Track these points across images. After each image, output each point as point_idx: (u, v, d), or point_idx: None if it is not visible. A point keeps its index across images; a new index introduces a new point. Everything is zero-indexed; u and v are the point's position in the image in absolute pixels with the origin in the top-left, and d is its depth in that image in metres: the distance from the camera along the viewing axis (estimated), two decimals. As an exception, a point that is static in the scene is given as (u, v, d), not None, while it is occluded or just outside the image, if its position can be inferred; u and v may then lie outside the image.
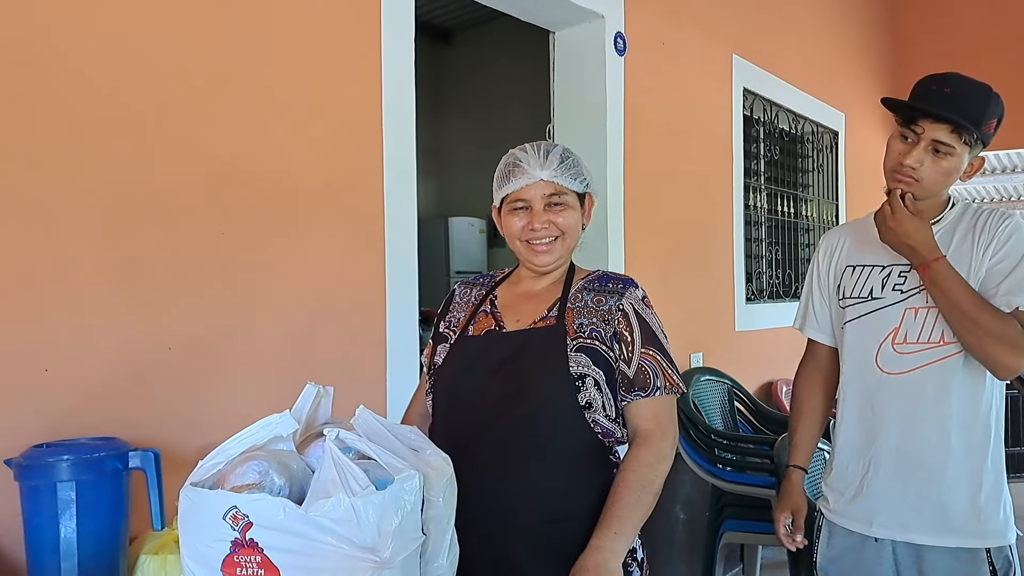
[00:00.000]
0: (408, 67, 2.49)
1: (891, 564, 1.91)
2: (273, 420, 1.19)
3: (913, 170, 1.79)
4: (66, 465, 1.49)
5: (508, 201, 1.71)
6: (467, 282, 1.87)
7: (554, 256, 1.69)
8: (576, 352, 1.61)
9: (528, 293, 1.74)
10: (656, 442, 1.59)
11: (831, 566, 2.01)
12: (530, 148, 1.69)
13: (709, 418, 3.69)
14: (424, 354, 1.82)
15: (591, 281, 1.72)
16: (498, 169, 1.73)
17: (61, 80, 1.73)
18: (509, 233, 1.72)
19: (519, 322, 1.69)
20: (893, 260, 1.90)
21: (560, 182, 1.67)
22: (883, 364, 1.89)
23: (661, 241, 3.78)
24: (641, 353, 1.63)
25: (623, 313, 1.65)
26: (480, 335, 1.70)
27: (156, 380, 1.86)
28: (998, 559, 1.83)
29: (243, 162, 2.05)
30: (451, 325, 1.77)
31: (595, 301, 1.68)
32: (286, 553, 1.06)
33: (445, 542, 1.28)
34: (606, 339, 1.62)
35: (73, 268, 1.74)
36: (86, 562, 1.49)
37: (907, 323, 1.87)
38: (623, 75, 3.46)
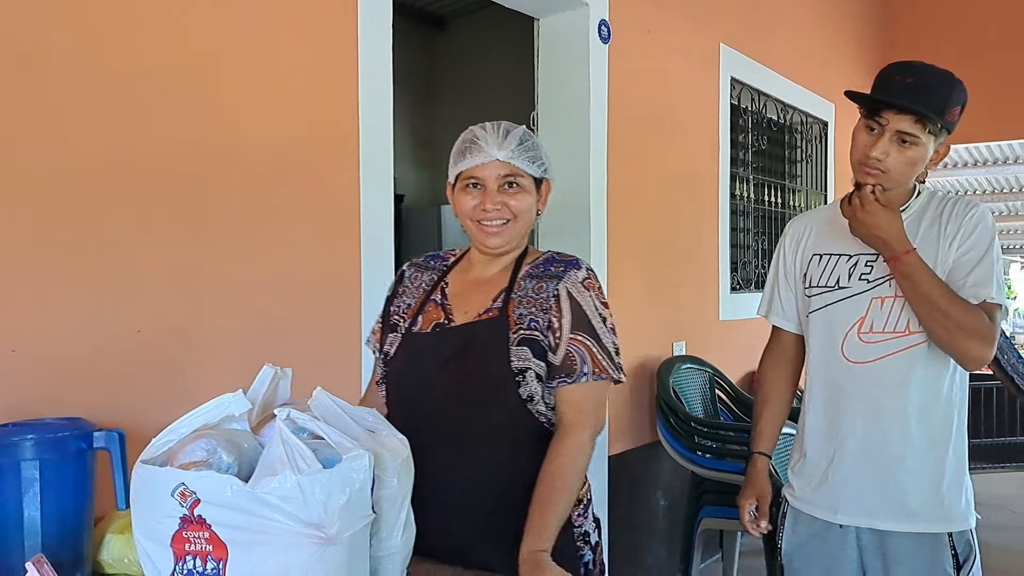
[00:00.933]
0: (386, 48, 2.49)
1: (855, 550, 1.94)
2: (226, 399, 1.21)
3: (879, 161, 1.80)
4: (30, 444, 1.50)
5: (462, 178, 1.68)
6: (418, 264, 1.84)
7: (504, 239, 1.67)
8: (518, 345, 1.60)
9: (479, 280, 1.72)
10: (577, 432, 1.58)
11: (795, 552, 2.04)
12: (490, 127, 1.67)
13: (690, 406, 3.71)
14: (373, 336, 1.82)
15: (536, 266, 1.71)
16: (455, 145, 1.71)
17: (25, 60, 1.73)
18: (460, 211, 1.69)
19: (467, 314, 1.68)
20: (860, 249, 1.91)
21: (517, 164, 1.65)
22: (849, 354, 1.91)
23: (645, 230, 3.79)
24: (569, 339, 1.61)
25: (556, 298, 1.63)
26: (428, 330, 1.68)
27: (124, 362, 1.87)
28: (959, 543, 1.86)
29: (213, 144, 2.05)
30: (400, 311, 1.76)
31: (536, 289, 1.66)
32: (233, 529, 1.08)
33: (399, 521, 1.30)
34: (543, 328, 1.62)
35: (42, 249, 1.75)
36: (50, 540, 1.50)
37: (873, 312, 1.88)
38: (607, 63, 3.46)
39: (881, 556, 1.91)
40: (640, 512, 3.78)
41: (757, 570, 3.79)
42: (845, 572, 1.95)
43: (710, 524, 3.57)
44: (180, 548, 1.10)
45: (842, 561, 1.96)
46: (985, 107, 5.93)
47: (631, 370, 3.70)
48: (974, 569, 1.88)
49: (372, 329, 1.83)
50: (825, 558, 1.98)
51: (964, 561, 1.86)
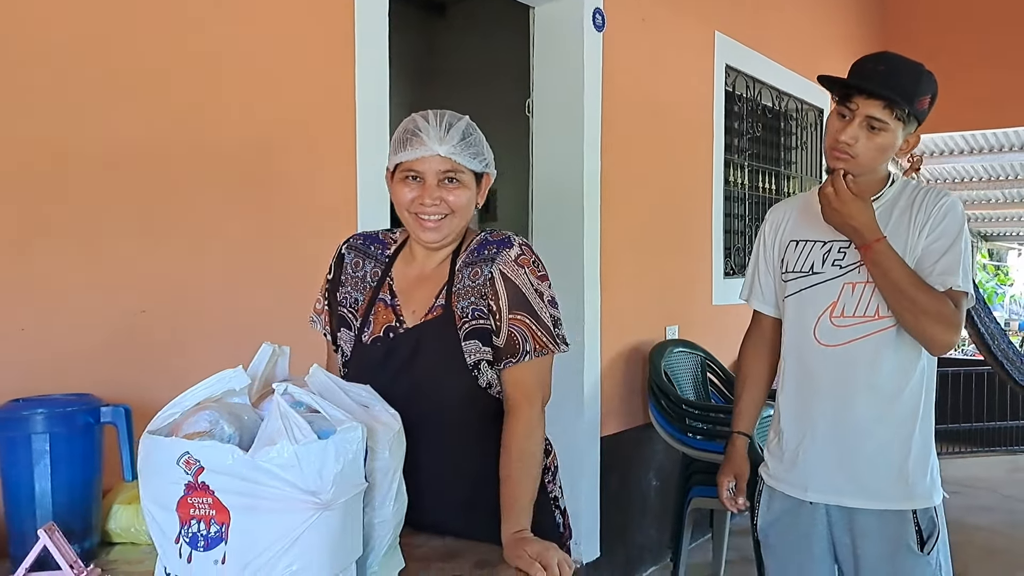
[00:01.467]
0: (382, 30, 2.55)
1: (825, 525, 2.02)
2: (227, 375, 1.28)
3: (848, 146, 1.86)
4: (40, 418, 1.57)
5: (401, 169, 1.65)
6: (356, 247, 1.80)
7: (442, 234, 1.66)
8: (467, 340, 1.64)
9: (421, 275, 1.72)
10: (524, 411, 1.63)
11: (770, 528, 2.12)
12: (432, 117, 1.63)
13: (681, 389, 3.78)
14: (319, 316, 1.81)
15: (471, 252, 1.70)
16: (396, 132, 1.68)
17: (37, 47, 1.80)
18: (398, 203, 1.68)
19: (415, 314, 1.69)
20: (834, 236, 1.97)
21: (458, 160, 1.62)
22: (821, 336, 1.97)
23: (638, 216, 3.85)
24: (509, 320, 1.64)
25: (491, 280, 1.65)
26: (380, 334, 1.69)
27: (129, 341, 1.95)
28: (923, 520, 1.93)
29: (212, 126, 2.12)
30: (348, 304, 1.75)
31: (471, 276, 1.67)
32: (235, 495, 1.15)
33: (391, 491, 1.37)
34: (486, 315, 1.65)
35: (50, 231, 1.82)
36: (61, 510, 1.57)
37: (845, 297, 1.94)
38: (601, 51, 3.52)
39: (849, 531, 1.99)
40: (632, 492, 3.86)
41: (746, 548, 3.87)
42: (816, 546, 2.03)
43: (700, 504, 3.65)
44: (185, 513, 1.18)
45: (813, 536, 2.03)
46: (983, 94, 6.02)
47: (624, 353, 3.77)
48: (938, 544, 1.95)
49: (315, 308, 1.84)
50: (797, 533, 2.05)
51: (928, 537, 1.93)
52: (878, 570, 1.95)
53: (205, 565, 1.17)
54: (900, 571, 1.94)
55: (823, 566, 2.04)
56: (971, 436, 6.74)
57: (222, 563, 1.16)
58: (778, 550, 2.11)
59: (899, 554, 1.93)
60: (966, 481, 5.60)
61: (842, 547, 2.00)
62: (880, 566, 1.95)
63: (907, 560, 1.93)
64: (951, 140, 7.77)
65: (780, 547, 2.10)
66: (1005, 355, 5.53)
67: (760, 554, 3.15)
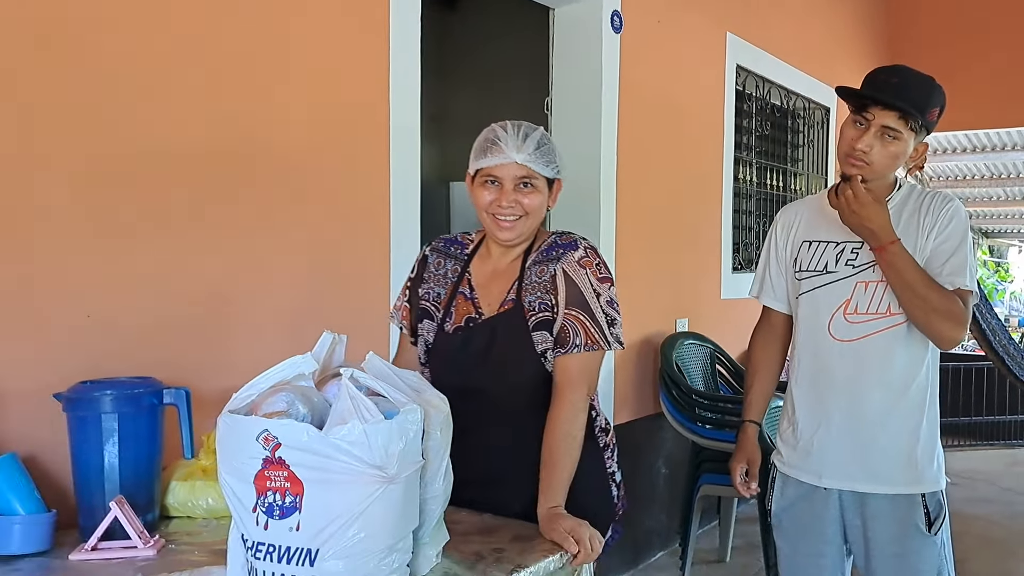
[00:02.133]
0: (415, 36, 2.66)
1: (837, 509, 2.13)
2: (297, 360, 1.39)
3: (864, 154, 1.96)
4: (110, 399, 1.68)
5: (481, 174, 1.83)
6: (438, 249, 1.99)
7: (516, 233, 1.83)
8: (535, 330, 1.81)
9: (497, 271, 1.90)
10: (568, 397, 1.78)
11: (783, 513, 2.22)
12: (510, 128, 1.80)
13: (691, 379, 3.90)
14: (398, 313, 1.99)
15: (541, 252, 1.87)
16: (477, 141, 1.84)
17: (102, 69, 1.91)
18: (478, 204, 1.85)
19: (490, 306, 1.86)
20: (846, 237, 2.08)
21: (533, 167, 1.79)
22: (835, 332, 2.08)
23: (652, 212, 3.97)
24: (564, 314, 1.80)
25: (553, 278, 1.82)
26: (461, 324, 1.87)
27: (184, 328, 2.07)
28: (931, 503, 2.06)
29: (258, 130, 2.24)
30: (431, 299, 1.93)
31: (539, 273, 1.84)
32: (309, 469, 1.27)
33: (441, 469, 1.49)
34: (550, 308, 1.81)
35: (111, 225, 1.94)
36: (127, 484, 1.69)
37: (858, 295, 2.05)
38: (619, 52, 3.63)
39: (860, 514, 2.10)
40: (642, 480, 3.98)
41: (751, 535, 4.00)
42: (829, 529, 2.14)
43: (709, 491, 3.78)
44: (262, 485, 1.29)
45: (826, 519, 2.14)
46: (986, 94, 6.12)
47: (636, 345, 3.89)
48: (944, 524, 2.08)
49: (395, 306, 2.02)
50: (810, 517, 2.16)
51: (935, 518, 2.06)
52: (888, 550, 2.07)
53: (280, 532, 1.28)
54: (909, 551, 2.06)
55: (834, 547, 2.15)
56: (971, 430, 6.87)
57: (296, 530, 1.28)
58: (790, 533, 2.22)
59: (908, 535, 2.05)
60: (966, 473, 5.73)
61: (853, 529, 2.12)
62: (890, 546, 2.07)
63: (915, 540, 2.05)
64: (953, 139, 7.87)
65: (792, 530, 2.21)
66: (1006, 351, 5.65)
67: (766, 539, 3.30)
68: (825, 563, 2.17)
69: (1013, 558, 4.27)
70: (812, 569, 2.19)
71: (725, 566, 4.05)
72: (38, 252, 1.82)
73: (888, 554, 2.07)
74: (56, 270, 1.85)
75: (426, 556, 1.47)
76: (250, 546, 1.31)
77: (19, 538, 1.58)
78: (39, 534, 1.60)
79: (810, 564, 2.19)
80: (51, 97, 1.84)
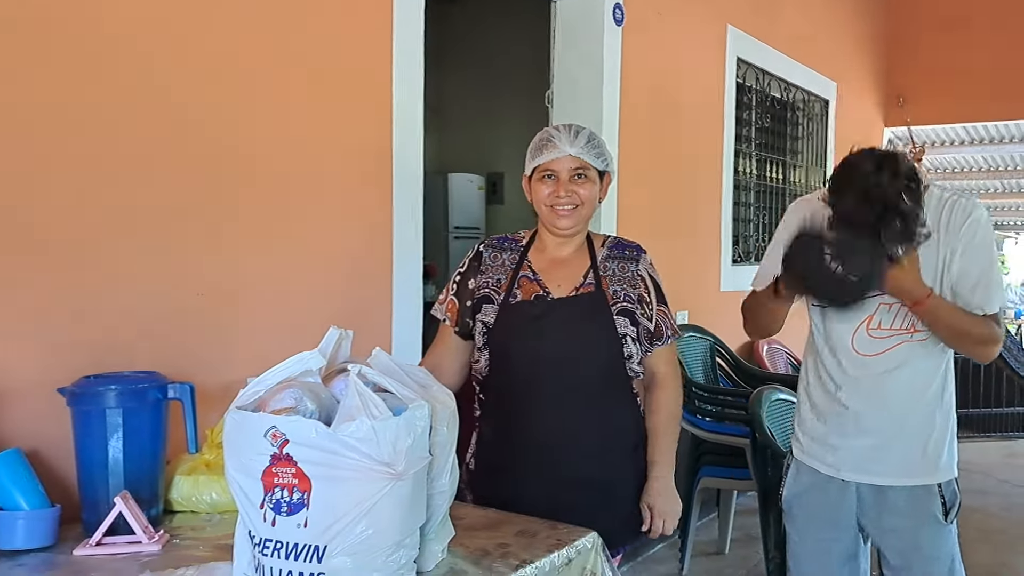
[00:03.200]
0: (418, 30, 2.65)
1: (854, 500, 2.13)
2: (305, 356, 1.39)
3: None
4: (114, 394, 1.68)
5: (539, 170, 1.99)
6: (492, 245, 2.11)
7: (573, 221, 1.99)
8: (618, 315, 1.97)
9: (558, 259, 2.04)
10: (672, 382, 2.07)
11: (795, 500, 2.22)
12: (562, 127, 1.98)
13: (691, 372, 3.91)
14: (446, 307, 2.06)
15: (611, 248, 2.06)
16: (532, 143, 2.01)
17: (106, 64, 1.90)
18: (537, 199, 2.01)
19: (560, 287, 2.00)
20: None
21: (585, 158, 1.96)
22: (858, 347, 2.07)
23: (652, 205, 3.97)
24: (657, 311, 2.03)
25: (642, 278, 2.03)
26: (532, 299, 1.99)
27: (188, 323, 2.06)
28: (947, 491, 2.08)
29: (265, 128, 2.23)
30: (491, 285, 2.03)
31: (620, 268, 2.03)
32: (317, 465, 1.27)
33: (447, 465, 1.49)
34: (635, 301, 2.00)
35: (116, 221, 1.93)
36: (130, 478, 1.68)
37: (880, 313, 2.04)
38: (620, 44, 3.62)
39: (876, 505, 2.11)
40: (642, 472, 3.97)
41: (750, 527, 4.02)
42: (843, 518, 2.14)
43: (708, 483, 3.79)
44: (270, 481, 1.29)
45: (841, 508, 2.14)
46: (984, 87, 6.12)
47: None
48: (958, 511, 2.10)
49: (440, 299, 2.09)
50: (823, 504, 2.16)
51: (951, 507, 2.08)
52: (905, 539, 2.09)
53: (288, 528, 1.28)
54: (925, 539, 2.08)
55: (847, 536, 2.16)
56: (968, 422, 6.88)
57: (304, 527, 1.28)
58: (800, 521, 2.22)
59: (926, 524, 2.07)
60: (962, 465, 5.62)
61: (868, 519, 2.13)
62: (907, 536, 2.09)
63: (932, 529, 2.07)
64: (952, 131, 7.86)
65: (802, 517, 2.21)
66: (1004, 344, 5.65)
67: (765, 531, 3.31)
68: (835, 550, 2.17)
69: (1011, 550, 4.29)
70: (822, 556, 2.19)
71: (724, 558, 4.06)
72: (41, 247, 1.81)
73: (906, 543, 2.10)
74: (60, 265, 1.84)
75: (431, 551, 1.48)
76: (257, 542, 1.31)
77: (23, 533, 1.57)
78: (43, 529, 1.60)
79: (820, 551, 2.19)
80: (51, 95, 1.82)
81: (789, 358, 4.96)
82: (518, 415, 1.97)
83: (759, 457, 3.35)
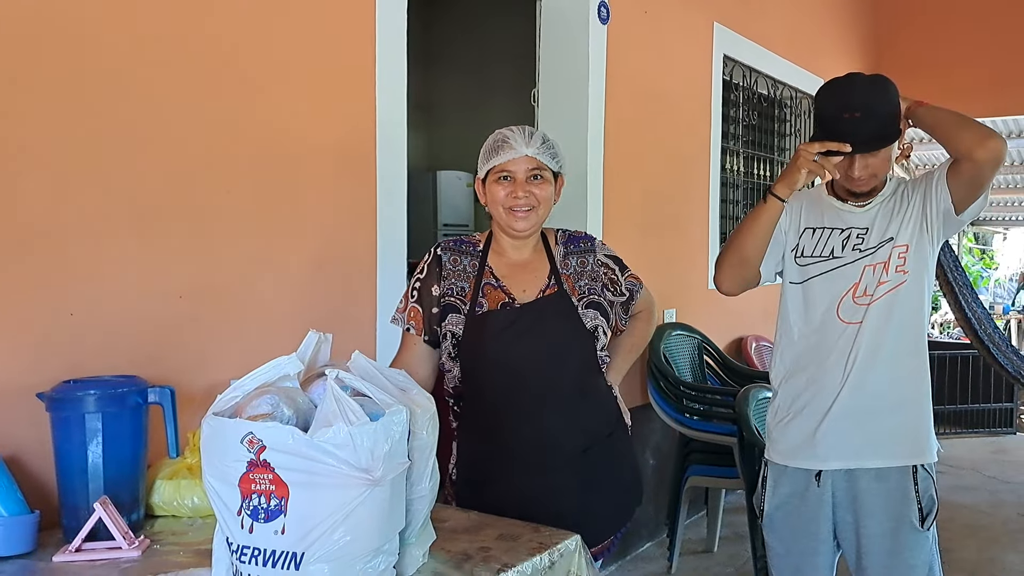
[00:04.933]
0: (400, 26, 2.64)
1: (829, 506, 2.14)
2: (282, 361, 1.38)
3: (864, 174, 2.04)
4: (93, 399, 1.66)
5: (494, 172, 1.97)
6: (449, 247, 2.06)
7: (530, 223, 1.97)
8: (585, 309, 1.99)
9: (519, 263, 2.04)
10: (648, 314, 2.22)
11: (775, 512, 2.22)
12: (516, 129, 1.97)
13: (679, 371, 3.91)
14: (406, 315, 2.01)
15: (565, 244, 2.08)
16: (486, 145, 1.99)
17: (86, 63, 1.89)
18: (492, 200, 1.99)
19: (526, 292, 2.00)
20: (851, 224, 2.12)
21: (541, 159, 1.95)
22: (843, 315, 2.10)
23: (639, 202, 3.96)
24: (625, 279, 2.12)
25: (604, 265, 2.08)
26: (499, 308, 1.97)
27: (169, 325, 2.05)
28: (924, 496, 2.09)
29: (247, 126, 2.21)
30: (455, 293, 1.99)
31: (579, 263, 2.05)
32: (294, 472, 1.26)
33: (428, 469, 1.48)
34: (600, 291, 2.04)
35: (95, 222, 1.91)
36: (111, 484, 1.67)
37: (866, 278, 2.09)
38: (606, 42, 3.61)
39: (853, 510, 2.11)
40: (630, 470, 3.98)
41: (739, 525, 4.03)
42: (822, 528, 2.15)
43: (696, 482, 3.79)
44: (247, 488, 1.28)
45: (819, 518, 2.15)
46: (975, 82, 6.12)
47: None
48: (935, 519, 2.09)
49: (399, 308, 2.04)
50: (803, 517, 2.17)
51: (928, 513, 2.07)
52: (881, 545, 2.09)
53: (266, 535, 1.28)
54: (902, 546, 2.08)
55: (827, 546, 2.17)
56: (956, 418, 6.92)
57: (281, 533, 1.27)
58: (783, 532, 2.22)
59: (901, 530, 2.07)
60: (950, 461, 5.77)
61: (844, 526, 2.13)
62: (883, 542, 2.09)
63: (909, 536, 2.07)
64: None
65: (784, 530, 2.21)
66: (991, 339, 5.68)
67: (753, 529, 3.32)
68: (820, 561, 2.18)
69: (997, 545, 4.31)
70: (808, 569, 2.19)
71: (712, 556, 4.06)
72: (20, 250, 1.80)
73: (881, 550, 2.09)
74: (38, 268, 1.82)
75: (412, 556, 1.47)
76: (235, 549, 1.30)
77: (1, 540, 1.56)
78: (22, 535, 1.59)
79: (805, 563, 2.19)
80: (39, 98, 1.81)
81: (777, 355, 4.95)
82: (497, 424, 1.95)
83: (747, 456, 3.35)
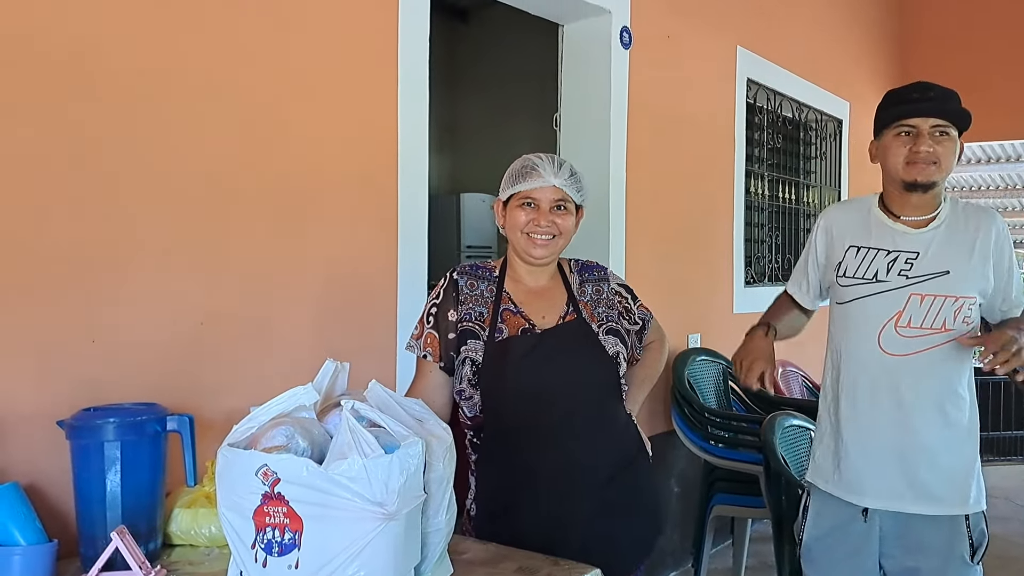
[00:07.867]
0: (423, 51, 2.65)
1: (876, 540, 2.05)
2: (298, 391, 1.38)
3: (930, 153, 1.97)
4: (112, 427, 1.66)
5: (518, 196, 1.96)
6: (465, 272, 2.03)
7: (548, 251, 1.97)
8: (605, 335, 1.99)
9: (536, 289, 2.03)
10: (660, 344, 2.21)
11: (815, 543, 2.14)
12: (545, 157, 1.97)
13: (703, 397, 3.86)
14: (423, 342, 1.97)
15: (579, 273, 2.09)
16: (512, 168, 1.99)
17: (111, 96, 1.91)
18: (512, 225, 1.97)
19: (545, 319, 1.98)
20: (899, 247, 2.03)
21: (567, 190, 1.96)
22: (886, 346, 2.01)
23: (662, 226, 3.94)
24: (637, 307, 2.13)
25: (618, 294, 2.10)
26: (519, 334, 1.94)
27: (189, 352, 2.05)
28: (975, 530, 2.01)
29: (268, 153, 2.22)
30: (473, 319, 1.95)
31: (595, 291, 2.06)
32: (308, 505, 1.25)
33: (444, 501, 1.47)
34: (617, 319, 2.05)
35: (117, 250, 1.92)
36: (129, 513, 1.67)
37: (911, 308, 1.99)
38: (628, 67, 3.61)
39: (902, 545, 2.03)
40: (654, 497, 3.93)
41: (765, 554, 3.95)
42: (868, 561, 2.06)
43: (722, 511, 3.73)
44: (261, 521, 1.27)
45: (864, 552, 2.06)
46: (1000, 105, 6.06)
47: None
48: (985, 552, 2.03)
49: (415, 335, 2.00)
50: (846, 550, 2.08)
51: (978, 547, 2.01)
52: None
53: (279, 569, 1.27)
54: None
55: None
56: (987, 445, 6.78)
57: (295, 568, 1.26)
58: (821, 563, 2.14)
59: (952, 565, 2.00)
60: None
61: (891, 560, 2.05)
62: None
63: (960, 571, 2.00)
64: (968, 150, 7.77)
65: (825, 562, 2.13)
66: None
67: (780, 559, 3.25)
68: None
69: (1032, 577, 4.21)
70: None
71: (738, 585, 4.00)
72: (42, 277, 1.81)
73: None
74: (60, 295, 1.83)
75: (428, 590, 1.45)
76: (249, 583, 1.29)
77: (19, 569, 1.55)
78: (40, 565, 1.58)
79: None
80: (58, 123, 1.83)
81: (805, 381, 4.89)
82: (520, 451, 1.90)
83: (773, 485, 3.29)
